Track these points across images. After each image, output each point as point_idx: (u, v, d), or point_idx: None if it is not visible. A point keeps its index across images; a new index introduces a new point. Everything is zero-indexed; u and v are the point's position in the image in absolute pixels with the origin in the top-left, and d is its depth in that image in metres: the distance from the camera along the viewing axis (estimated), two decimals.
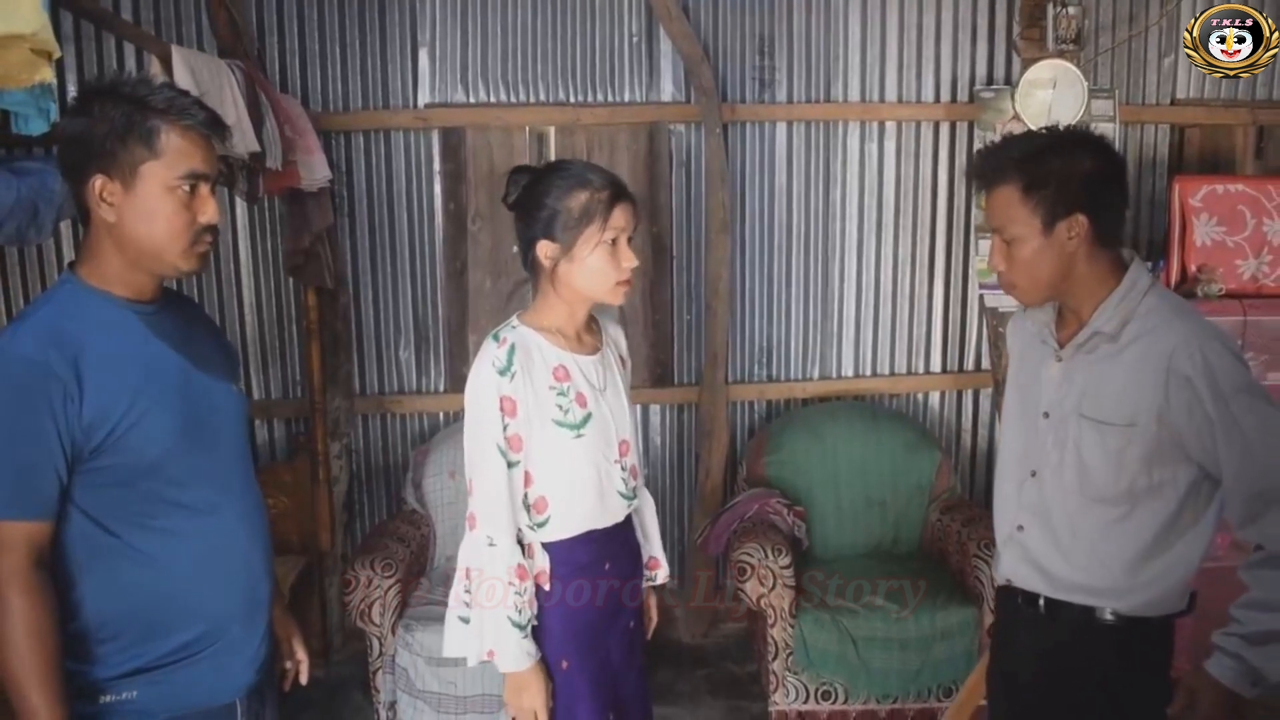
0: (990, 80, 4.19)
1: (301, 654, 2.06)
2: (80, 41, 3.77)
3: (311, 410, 3.98)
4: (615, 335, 2.27)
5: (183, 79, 2.60)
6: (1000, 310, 4.08)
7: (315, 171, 3.55)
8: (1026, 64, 3.96)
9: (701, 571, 4.22)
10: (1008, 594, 2.06)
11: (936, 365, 4.38)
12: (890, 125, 4.22)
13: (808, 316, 4.31)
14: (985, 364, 4.31)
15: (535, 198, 2.03)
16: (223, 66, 2.94)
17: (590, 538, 2.09)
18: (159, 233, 1.58)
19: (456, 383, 4.16)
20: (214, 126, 1.64)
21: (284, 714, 2.37)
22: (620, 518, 2.15)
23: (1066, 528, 1.91)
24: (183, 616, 1.65)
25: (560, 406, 2.02)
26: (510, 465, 1.99)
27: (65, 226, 3.74)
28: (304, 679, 2.07)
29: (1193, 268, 3.76)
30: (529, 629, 2.00)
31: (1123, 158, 1.91)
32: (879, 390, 4.35)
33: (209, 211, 1.62)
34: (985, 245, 4.08)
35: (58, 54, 1.85)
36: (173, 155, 1.57)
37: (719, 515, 3.82)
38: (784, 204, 4.22)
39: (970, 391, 4.39)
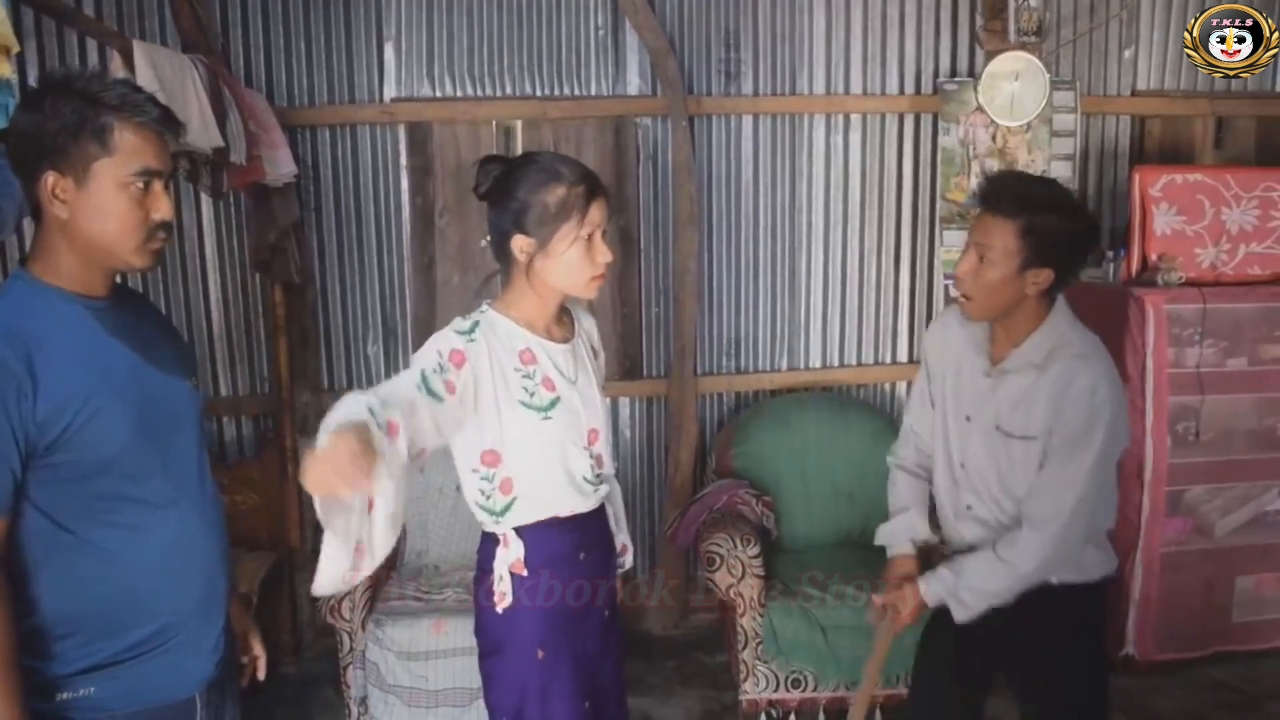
0: (954, 72, 4.23)
1: (258, 650, 2.04)
2: (41, 36, 3.73)
3: (280, 406, 3.97)
4: (588, 327, 2.26)
5: (144, 74, 2.58)
6: None
7: (280, 166, 3.53)
8: (989, 56, 4.01)
9: (669, 566, 4.24)
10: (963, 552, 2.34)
11: (904, 355, 4.41)
12: (855, 117, 4.25)
13: (775, 308, 4.33)
14: None
15: (508, 189, 2.01)
16: (185, 61, 2.92)
17: (561, 524, 2.09)
18: (112, 230, 1.57)
19: None
20: (167, 123, 1.62)
21: (255, 711, 2.36)
22: (589, 505, 2.14)
23: (995, 505, 2.25)
24: (140, 612, 1.64)
25: (526, 389, 2.01)
26: (428, 392, 1.82)
27: (29, 223, 3.69)
28: (261, 675, 2.06)
29: (1153, 256, 3.81)
30: (366, 422, 1.61)
31: (1098, 234, 2.28)
32: (846, 380, 4.38)
33: (163, 208, 1.61)
34: (950, 236, 4.14)
35: (16, 49, 1.83)
36: (125, 152, 1.56)
37: (688, 507, 3.84)
38: (750, 196, 4.25)
39: None
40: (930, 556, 2.45)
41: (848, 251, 4.33)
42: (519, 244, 1.99)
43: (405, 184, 4.10)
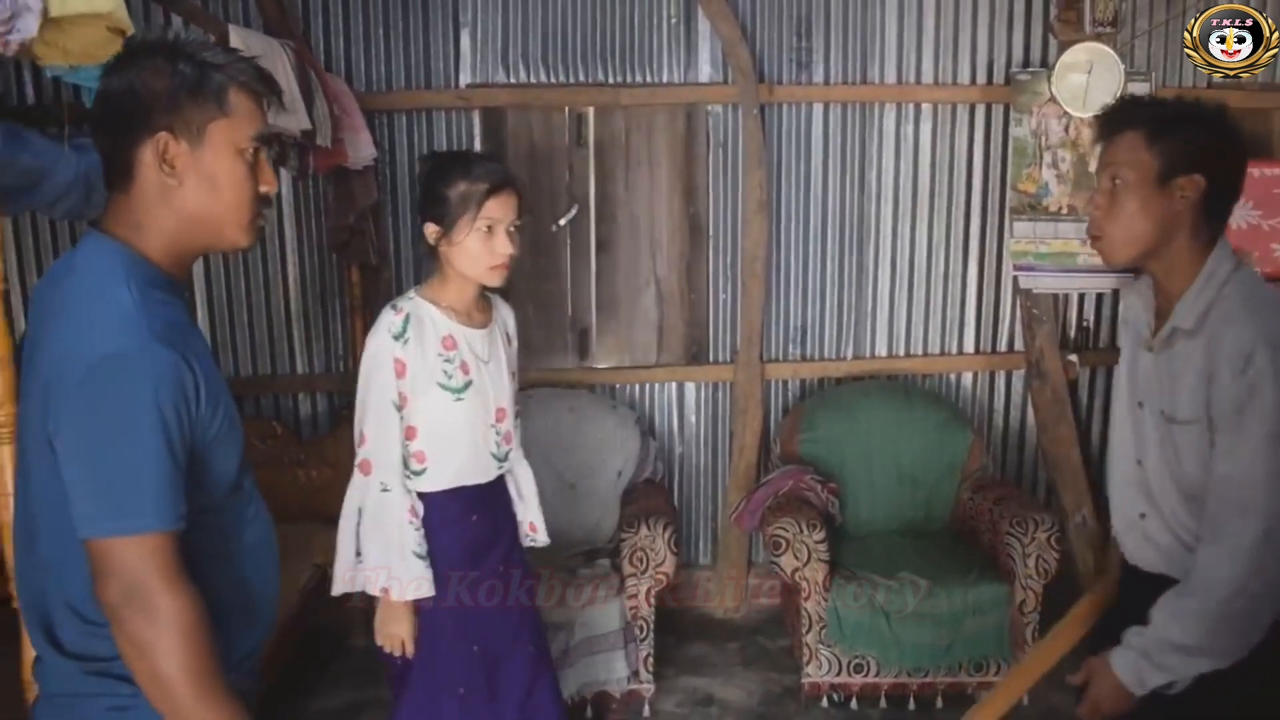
0: (1026, 63, 4.21)
1: None
2: (137, 21, 3.83)
3: (353, 384, 4.06)
4: (505, 315, 2.54)
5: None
6: (1034, 292, 4.11)
7: (361, 150, 3.62)
8: (1063, 47, 3.98)
9: (731, 549, 4.29)
10: (1133, 576, 1.97)
11: (970, 346, 4.41)
12: (926, 107, 4.25)
13: (842, 296, 4.35)
14: (1018, 345, 4.34)
15: (428, 182, 2.31)
16: (276, 45, 3.01)
17: (460, 492, 2.37)
18: (225, 200, 1.46)
19: None
20: (271, 87, 1.52)
21: (326, 682, 2.49)
22: (490, 477, 2.44)
23: (1174, 518, 1.83)
24: (252, 613, 1.58)
25: (445, 372, 2.30)
26: (401, 419, 2.29)
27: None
28: None
29: None
30: (427, 562, 2.30)
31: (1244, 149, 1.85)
32: (912, 370, 4.39)
33: (269, 180, 1.51)
34: (1020, 227, 4.12)
35: (131, 31, 1.91)
36: (242, 115, 1.45)
37: (753, 491, 3.88)
38: (820, 184, 4.26)
39: (1003, 373, 4.42)
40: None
41: (916, 241, 4.32)
42: (428, 230, 2.29)
43: None
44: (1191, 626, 1.69)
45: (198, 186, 1.44)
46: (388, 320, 2.28)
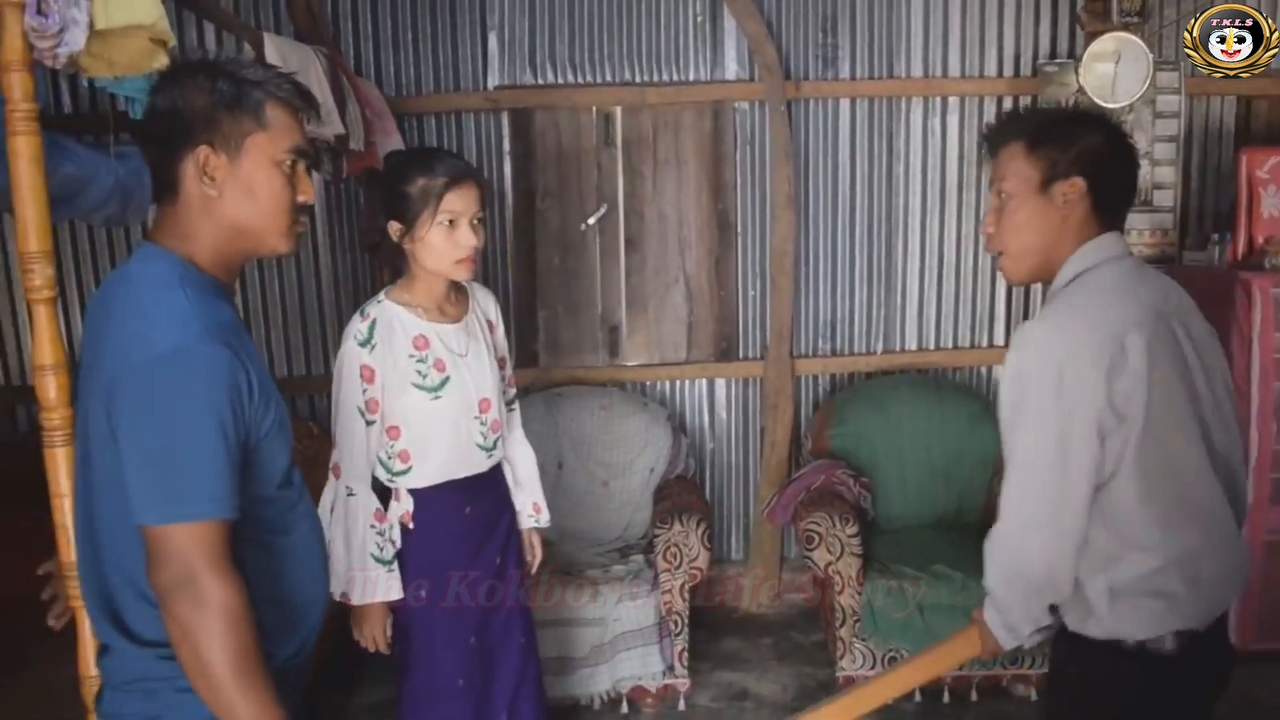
0: (1054, 54, 4.20)
1: None
2: (175, 32, 3.88)
3: None
4: (484, 302, 2.55)
5: (274, 63, 2.71)
6: None
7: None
8: (1090, 37, 3.97)
9: (763, 544, 4.30)
10: None
11: (1000, 339, 4.40)
12: (953, 100, 4.25)
13: (871, 291, 4.35)
14: None
15: (388, 180, 2.33)
16: (309, 52, 3.05)
17: (451, 485, 2.39)
18: (263, 209, 1.54)
19: (527, 358, 4.27)
20: (308, 102, 1.62)
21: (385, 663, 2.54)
22: (481, 468, 2.45)
23: None
24: (299, 612, 1.63)
25: (419, 372, 2.31)
26: (368, 424, 2.29)
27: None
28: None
29: (1260, 239, 3.76)
30: (391, 565, 2.33)
31: (1133, 145, 1.84)
32: (942, 363, 4.39)
33: (307, 190, 1.60)
34: None
35: (172, 42, 1.95)
36: (278, 129, 1.54)
37: (785, 486, 3.89)
38: (847, 179, 4.27)
39: None
40: None
41: (944, 234, 4.32)
42: (392, 227, 2.30)
43: (508, 169, 4.20)
44: (997, 588, 1.84)
45: (237, 197, 1.52)
46: (354, 327, 2.29)
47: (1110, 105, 3.97)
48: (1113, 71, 3.92)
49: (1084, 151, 1.76)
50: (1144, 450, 1.66)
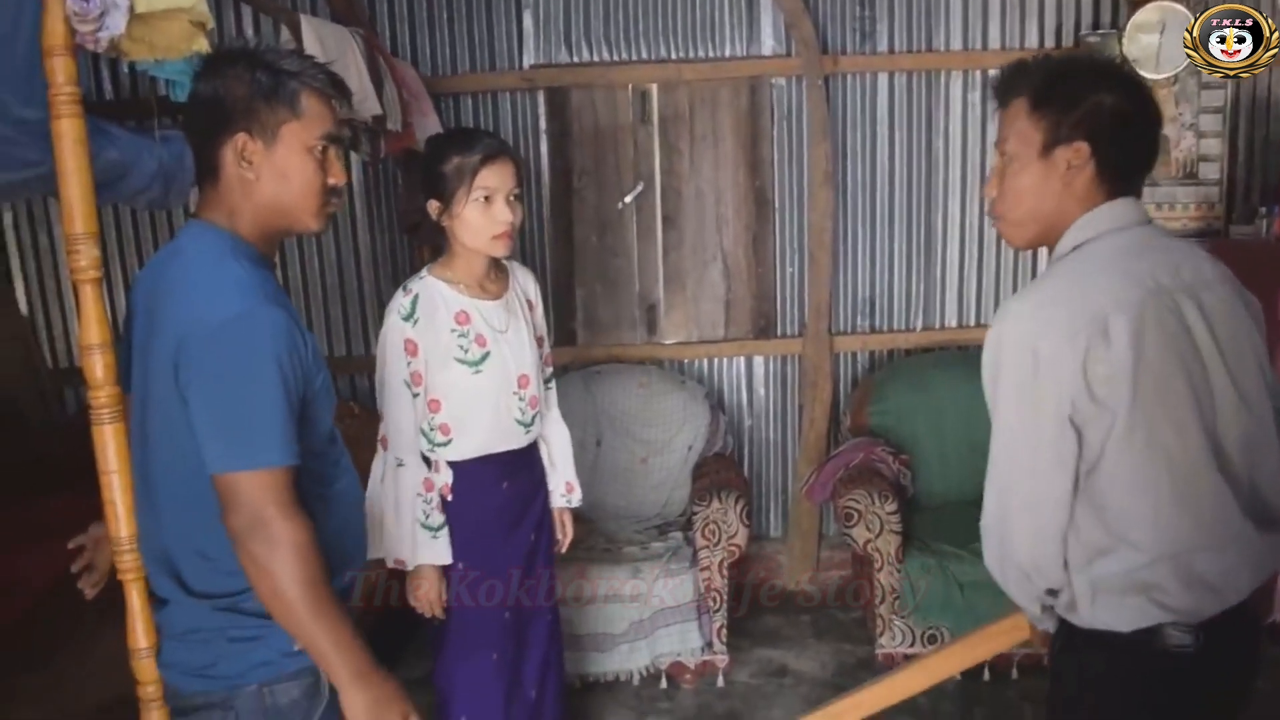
0: (1096, 25, 4.13)
1: None
2: (214, 14, 3.91)
3: None
4: (524, 281, 2.59)
5: (311, 46, 2.72)
6: None
7: (429, 132, 3.65)
8: (1133, 7, 3.90)
9: (802, 521, 4.30)
10: None
11: None
12: (994, 73, 4.14)
13: (911, 267, 4.32)
14: None
15: (427, 162, 2.39)
16: (346, 34, 3.06)
17: (489, 459, 2.45)
18: (295, 192, 1.65)
19: (565, 336, 4.28)
20: (342, 91, 1.73)
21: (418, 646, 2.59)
22: (519, 444, 2.50)
23: None
24: (348, 551, 1.76)
25: (461, 346, 2.36)
26: (413, 397, 2.36)
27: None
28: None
29: None
30: (439, 531, 2.39)
31: (1154, 102, 1.67)
32: (982, 340, 4.33)
33: (338, 173, 1.71)
34: None
35: (211, 25, 1.96)
36: (311, 117, 1.64)
37: (824, 464, 3.88)
38: (886, 154, 4.23)
39: None
40: None
41: (984, 210, 4.28)
42: (431, 206, 2.35)
43: (545, 148, 4.20)
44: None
45: (272, 180, 1.64)
46: (397, 302, 2.35)
47: (1154, 76, 3.91)
48: (1157, 42, 3.86)
49: (1091, 112, 1.61)
50: (1130, 441, 1.54)
